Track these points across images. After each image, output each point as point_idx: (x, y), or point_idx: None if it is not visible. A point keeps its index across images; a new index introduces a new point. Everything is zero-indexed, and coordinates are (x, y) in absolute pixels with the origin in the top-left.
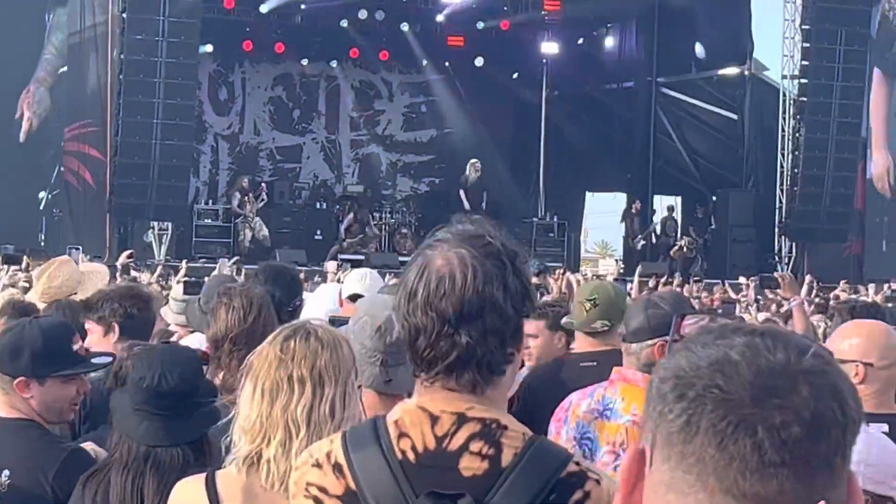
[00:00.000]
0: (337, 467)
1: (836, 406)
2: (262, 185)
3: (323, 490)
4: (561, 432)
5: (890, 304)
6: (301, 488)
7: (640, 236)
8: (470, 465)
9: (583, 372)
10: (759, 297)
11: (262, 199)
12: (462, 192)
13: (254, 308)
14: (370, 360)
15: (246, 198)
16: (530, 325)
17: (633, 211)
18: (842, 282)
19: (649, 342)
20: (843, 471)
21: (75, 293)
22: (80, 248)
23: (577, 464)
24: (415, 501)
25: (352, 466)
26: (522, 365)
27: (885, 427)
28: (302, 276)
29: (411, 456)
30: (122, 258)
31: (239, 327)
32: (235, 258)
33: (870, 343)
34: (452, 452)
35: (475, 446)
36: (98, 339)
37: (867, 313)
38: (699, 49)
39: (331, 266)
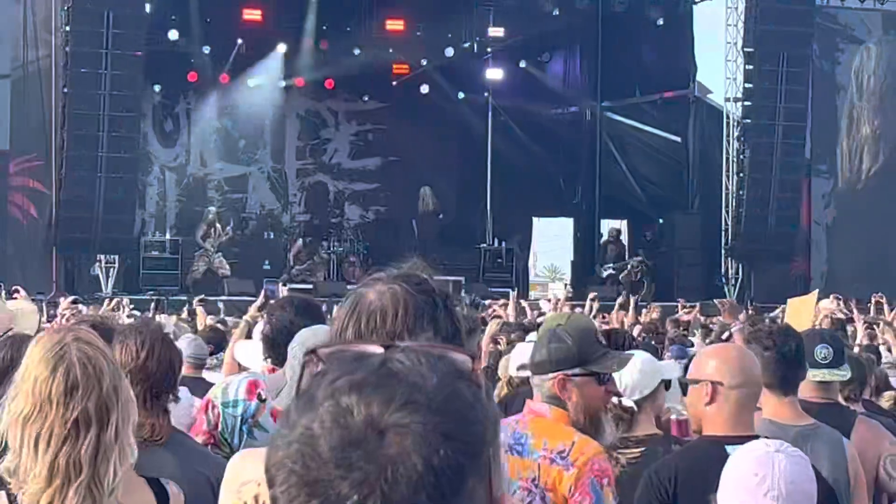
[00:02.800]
0: None
1: (421, 462)
2: (231, 219)
3: None
4: None
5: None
6: None
7: (610, 265)
8: None
9: None
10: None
11: (227, 234)
12: (413, 221)
13: (146, 345)
14: None
15: (212, 230)
16: None
17: (611, 239)
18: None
19: (550, 376)
20: None
21: (11, 329)
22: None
23: None
24: None
25: None
26: None
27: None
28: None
29: None
30: (65, 305)
31: (133, 363)
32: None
33: (722, 364)
34: None
35: None
36: None
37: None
38: (642, 73)
39: (284, 292)
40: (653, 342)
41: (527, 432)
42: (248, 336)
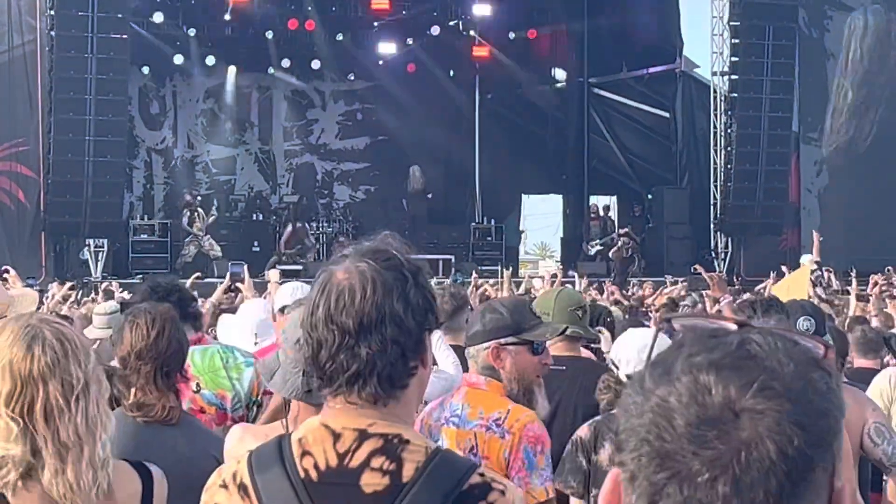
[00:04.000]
0: (242, 488)
1: (775, 448)
2: (214, 200)
3: None
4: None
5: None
6: None
7: (596, 241)
8: (371, 482)
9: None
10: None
11: (213, 215)
12: (403, 200)
13: (157, 324)
14: (293, 371)
15: (195, 215)
16: None
17: (592, 215)
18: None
19: (484, 345)
20: None
21: (5, 316)
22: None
23: (482, 475)
24: None
25: (256, 487)
26: None
27: None
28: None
29: (314, 474)
30: (64, 291)
31: (143, 342)
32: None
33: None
34: (354, 469)
35: (376, 462)
36: None
37: (765, 308)
38: (629, 48)
39: (273, 275)
40: (645, 318)
41: (463, 403)
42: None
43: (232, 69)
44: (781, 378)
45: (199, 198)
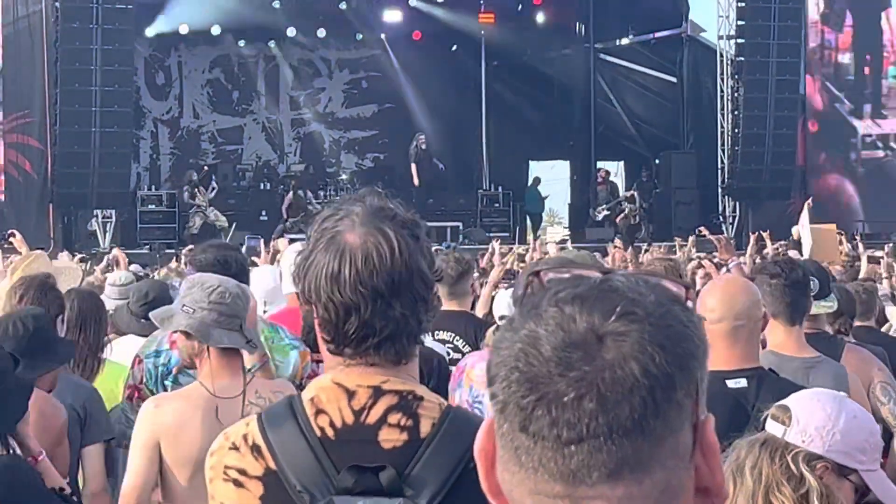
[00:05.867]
0: (255, 448)
1: (638, 368)
2: (213, 177)
3: (242, 472)
4: (454, 395)
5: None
6: (219, 472)
7: (603, 206)
8: (389, 438)
9: None
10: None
11: (214, 188)
12: (413, 167)
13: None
14: (232, 325)
15: (196, 190)
16: None
17: (599, 180)
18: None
19: None
20: (669, 428)
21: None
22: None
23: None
24: (336, 477)
25: (270, 446)
26: None
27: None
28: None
29: (330, 432)
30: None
31: None
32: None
33: (705, 300)
34: (371, 426)
35: (393, 418)
36: None
37: (781, 266)
38: (635, 13)
39: (282, 244)
40: None
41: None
42: None
43: (237, 38)
44: (643, 306)
45: (204, 168)
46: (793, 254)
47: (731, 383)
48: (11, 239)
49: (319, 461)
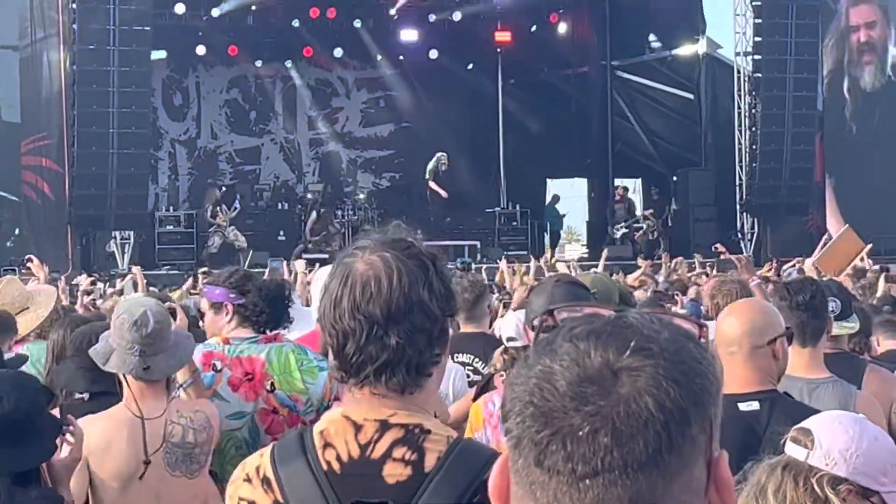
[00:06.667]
0: (266, 481)
1: (653, 402)
2: (236, 197)
3: None
4: (502, 439)
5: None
6: (234, 502)
7: (621, 224)
8: (393, 472)
9: None
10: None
11: (236, 209)
12: (432, 184)
13: None
14: (129, 352)
15: (218, 208)
16: None
17: (617, 198)
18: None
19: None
20: (684, 463)
21: (26, 308)
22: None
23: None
24: None
25: (279, 480)
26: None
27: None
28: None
29: (336, 466)
30: (85, 284)
31: None
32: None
33: (719, 324)
34: (376, 460)
35: (398, 452)
36: None
37: (796, 288)
38: (652, 31)
39: (300, 265)
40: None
41: None
42: None
43: (255, 59)
44: (657, 342)
45: (223, 188)
46: (809, 270)
47: (742, 406)
48: (29, 264)
49: (325, 495)
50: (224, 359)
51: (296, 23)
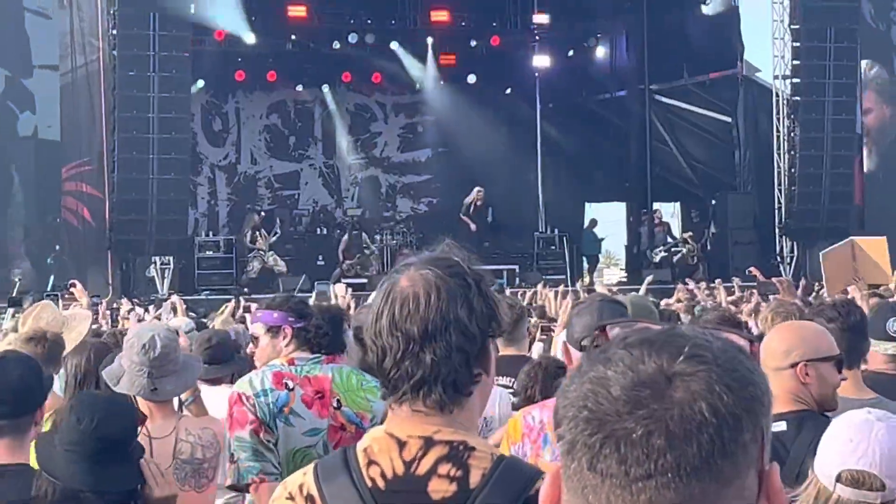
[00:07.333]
0: (309, 498)
1: (706, 407)
2: (277, 220)
3: None
4: (542, 453)
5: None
6: None
7: (660, 248)
8: (439, 488)
9: None
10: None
11: (276, 234)
12: (464, 217)
13: None
14: (138, 374)
15: (258, 233)
16: None
17: (655, 222)
18: None
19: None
20: (736, 471)
21: (61, 333)
22: None
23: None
24: None
25: (323, 497)
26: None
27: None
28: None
29: (381, 483)
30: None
31: None
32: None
33: (764, 347)
34: (421, 477)
35: (443, 469)
36: None
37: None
38: (689, 54)
39: (339, 289)
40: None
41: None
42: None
43: (294, 84)
44: (710, 349)
45: (262, 213)
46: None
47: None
48: (72, 289)
49: None
50: (294, 378)
51: (335, 47)
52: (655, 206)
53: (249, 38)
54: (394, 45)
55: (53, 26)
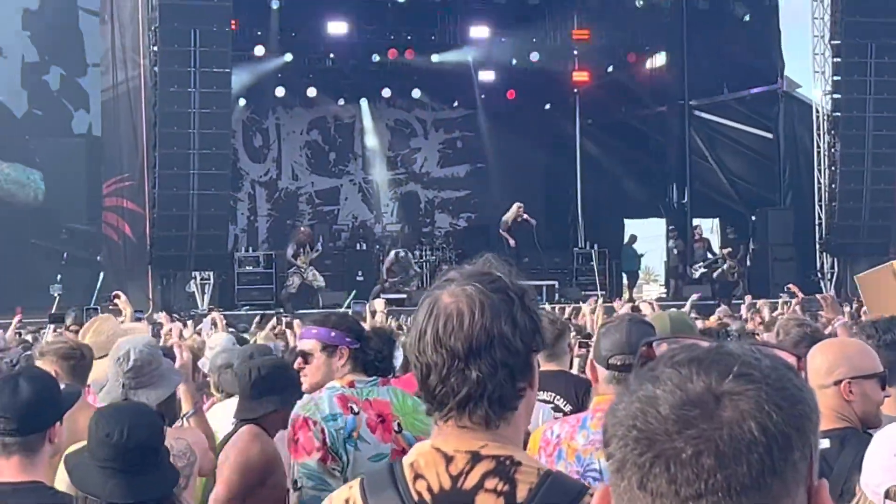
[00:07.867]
0: None
1: (756, 426)
2: (319, 237)
3: None
4: (556, 468)
5: None
6: None
7: (700, 264)
8: (486, 503)
9: None
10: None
11: (318, 250)
12: (503, 233)
13: None
14: (115, 384)
15: (301, 249)
16: None
17: (695, 238)
18: None
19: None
20: (786, 489)
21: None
22: None
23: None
24: None
25: None
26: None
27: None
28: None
29: (427, 497)
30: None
31: None
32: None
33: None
34: (468, 491)
35: (490, 484)
36: None
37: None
38: (730, 70)
39: (379, 304)
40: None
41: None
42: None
43: (334, 100)
44: (758, 368)
45: (310, 227)
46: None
47: (824, 442)
48: (116, 300)
49: None
50: (357, 402)
51: (374, 61)
52: (695, 222)
53: (289, 54)
54: (434, 64)
55: (93, 30)
